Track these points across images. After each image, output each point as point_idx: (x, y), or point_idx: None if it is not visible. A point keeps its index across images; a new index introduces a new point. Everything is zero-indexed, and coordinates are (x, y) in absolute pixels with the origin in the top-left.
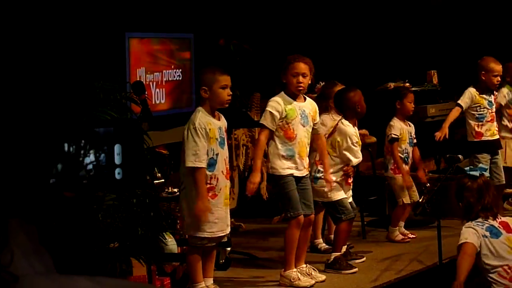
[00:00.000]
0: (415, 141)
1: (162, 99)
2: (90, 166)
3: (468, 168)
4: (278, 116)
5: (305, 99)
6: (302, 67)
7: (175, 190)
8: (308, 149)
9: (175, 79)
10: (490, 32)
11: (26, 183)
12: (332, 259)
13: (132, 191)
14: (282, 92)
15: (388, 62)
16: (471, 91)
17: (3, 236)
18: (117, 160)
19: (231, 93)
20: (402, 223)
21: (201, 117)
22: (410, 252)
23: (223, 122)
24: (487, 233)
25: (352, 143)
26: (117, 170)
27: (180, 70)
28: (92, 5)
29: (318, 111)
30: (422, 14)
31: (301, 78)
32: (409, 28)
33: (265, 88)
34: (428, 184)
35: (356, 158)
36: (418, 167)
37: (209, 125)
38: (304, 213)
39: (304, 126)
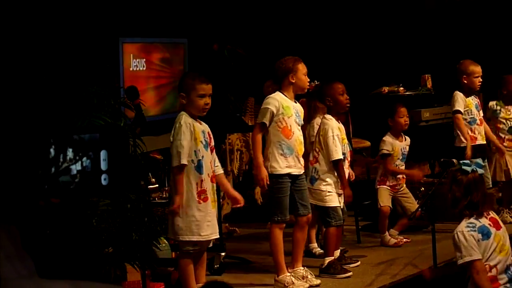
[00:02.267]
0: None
1: (156, 104)
2: (74, 172)
3: (462, 162)
4: (275, 112)
5: (295, 101)
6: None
7: None
8: (303, 148)
9: (169, 84)
10: (484, 36)
11: (10, 188)
12: (326, 264)
13: (125, 196)
14: (278, 92)
15: (382, 66)
16: (461, 95)
17: None
18: (103, 166)
19: (208, 102)
20: (396, 232)
21: (186, 118)
22: (405, 256)
23: (205, 127)
24: (479, 236)
25: (333, 136)
26: (103, 176)
27: (174, 75)
28: (86, 10)
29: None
30: (416, 18)
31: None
32: (403, 32)
33: (260, 92)
34: (423, 188)
35: (337, 153)
36: (413, 167)
37: (193, 126)
38: (301, 213)
39: (298, 125)
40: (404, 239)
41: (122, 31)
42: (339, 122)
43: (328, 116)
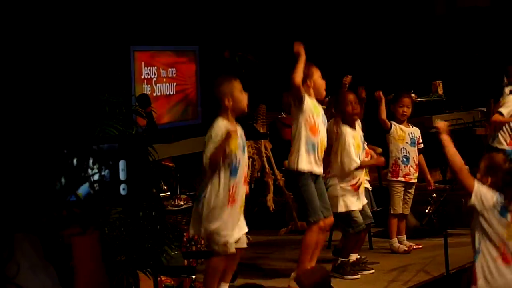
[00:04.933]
0: (421, 146)
1: (168, 112)
2: (93, 182)
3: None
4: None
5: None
6: None
7: (181, 202)
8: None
9: (180, 91)
10: (495, 42)
11: (31, 198)
12: (338, 263)
13: (138, 204)
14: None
15: (393, 73)
16: None
17: (9, 249)
18: (122, 176)
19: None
20: (404, 236)
21: (221, 125)
22: (417, 263)
23: (240, 130)
24: (498, 207)
25: (346, 145)
26: (122, 186)
27: (186, 82)
28: (97, 18)
29: None
30: (427, 25)
31: None
32: (414, 38)
33: (271, 100)
34: (434, 195)
35: (351, 160)
36: (424, 173)
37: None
38: (324, 215)
39: (324, 127)
40: (415, 246)
41: (133, 39)
42: (353, 129)
43: (342, 125)
